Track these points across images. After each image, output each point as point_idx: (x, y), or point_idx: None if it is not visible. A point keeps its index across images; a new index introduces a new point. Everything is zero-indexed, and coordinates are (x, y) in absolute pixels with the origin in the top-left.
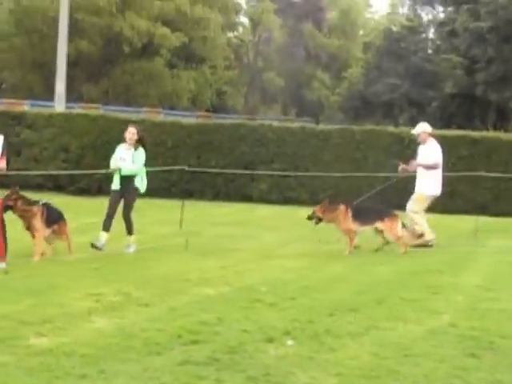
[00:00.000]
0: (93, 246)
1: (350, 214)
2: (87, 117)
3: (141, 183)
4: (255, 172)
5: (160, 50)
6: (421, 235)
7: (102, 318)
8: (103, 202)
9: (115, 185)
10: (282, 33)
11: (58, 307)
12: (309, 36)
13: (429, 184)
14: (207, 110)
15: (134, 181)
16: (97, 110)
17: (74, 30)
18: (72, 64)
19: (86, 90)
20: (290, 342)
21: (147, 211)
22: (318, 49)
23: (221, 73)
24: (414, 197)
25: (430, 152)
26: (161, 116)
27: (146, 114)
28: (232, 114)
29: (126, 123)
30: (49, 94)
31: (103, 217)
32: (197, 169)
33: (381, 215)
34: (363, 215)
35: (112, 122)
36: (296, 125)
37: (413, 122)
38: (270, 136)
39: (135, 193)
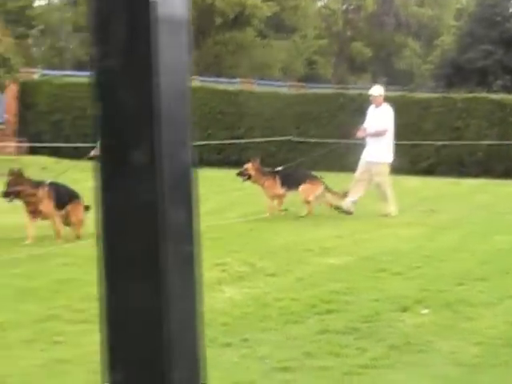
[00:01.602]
0: None
1: (278, 181)
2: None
3: None
4: (353, 141)
5: (251, 20)
6: (344, 196)
7: (231, 288)
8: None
9: None
10: (372, 2)
11: None
12: (400, 5)
13: (384, 151)
14: (298, 80)
15: None
16: (193, 81)
17: None
18: None
19: None
20: (424, 311)
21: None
22: (408, 17)
23: (311, 42)
24: (376, 168)
25: (383, 116)
26: (255, 87)
27: (241, 84)
28: (322, 83)
29: (224, 94)
30: None
31: None
32: (301, 139)
33: (304, 179)
34: (289, 181)
35: (211, 93)
36: (395, 93)
37: (507, 89)
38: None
39: None
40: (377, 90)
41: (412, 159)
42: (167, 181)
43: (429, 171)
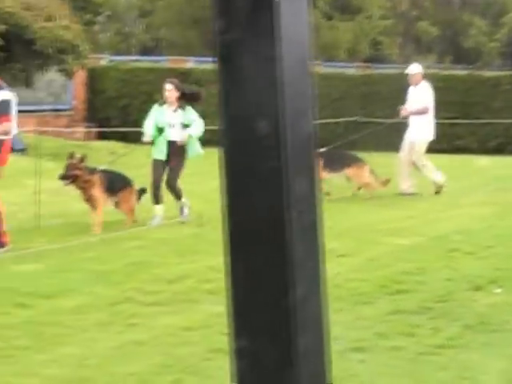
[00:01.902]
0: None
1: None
2: None
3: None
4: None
5: (316, 2)
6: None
7: None
8: None
9: (159, 153)
10: None
11: None
12: None
13: (425, 129)
14: (364, 61)
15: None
16: None
17: None
18: None
19: None
20: (498, 290)
21: None
22: None
23: (376, 23)
24: (416, 146)
25: (422, 95)
26: (321, 68)
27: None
28: (388, 64)
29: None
30: (208, 50)
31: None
32: (370, 119)
33: (349, 162)
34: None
35: None
36: (463, 72)
37: None
38: (438, 84)
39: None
40: (414, 69)
41: (481, 138)
42: (290, 149)
43: (498, 150)
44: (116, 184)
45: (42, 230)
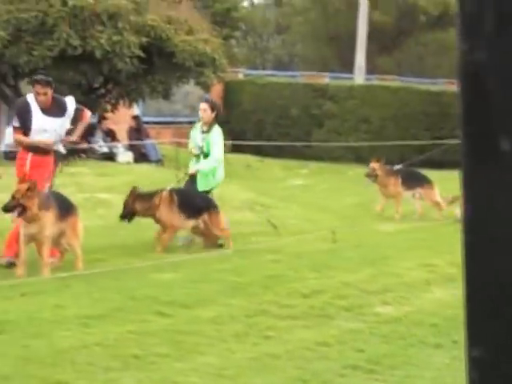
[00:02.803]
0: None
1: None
2: (388, 88)
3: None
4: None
5: (455, 21)
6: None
7: (439, 289)
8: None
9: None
10: None
11: (394, 277)
12: None
13: None
14: None
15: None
16: (394, 81)
17: (369, 2)
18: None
19: (380, 62)
20: None
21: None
22: None
23: None
24: None
25: None
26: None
27: (445, 85)
28: None
29: (426, 95)
30: (343, 67)
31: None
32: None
33: (421, 181)
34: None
35: (413, 93)
36: None
37: None
38: None
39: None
40: None
41: None
42: None
43: None
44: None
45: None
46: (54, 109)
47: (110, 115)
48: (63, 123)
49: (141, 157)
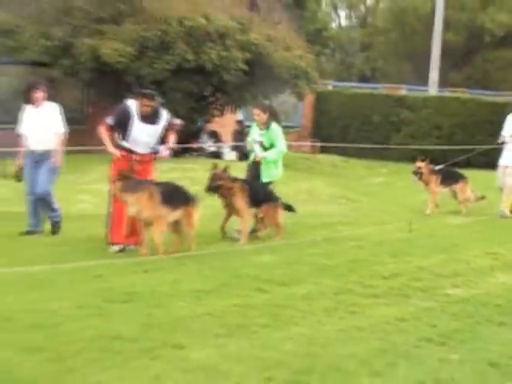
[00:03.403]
0: None
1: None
2: (458, 100)
3: (274, 170)
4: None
5: None
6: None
7: (503, 274)
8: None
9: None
10: None
11: (463, 263)
12: None
13: None
14: None
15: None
16: (463, 93)
17: (443, 24)
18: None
19: (451, 77)
20: None
21: None
22: None
23: None
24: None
25: None
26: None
27: (506, 97)
28: None
29: (492, 105)
30: (418, 80)
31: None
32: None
33: (457, 178)
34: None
35: (480, 104)
36: None
37: None
38: None
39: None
40: None
41: None
42: None
43: None
44: (260, 196)
45: None
46: (152, 117)
47: (217, 119)
48: (157, 130)
49: (243, 156)
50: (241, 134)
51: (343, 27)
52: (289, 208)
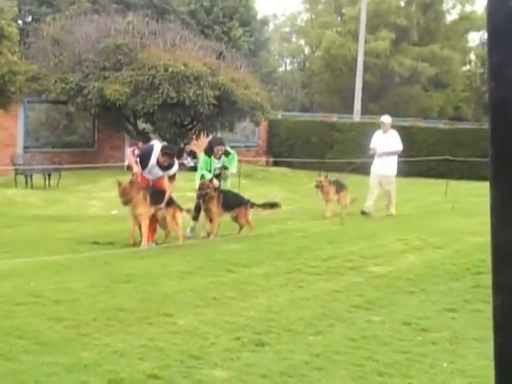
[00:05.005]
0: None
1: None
2: (375, 124)
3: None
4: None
5: (417, 78)
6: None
7: (411, 255)
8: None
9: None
10: None
11: (382, 247)
12: None
13: (395, 167)
14: (449, 119)
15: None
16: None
17: (363, 67)
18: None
19: (370, 107)
20: None
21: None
22: None
23: (458, 94)
24: (391, 179)
25: (395, 139)
26: (421, 123)
27: (410, 122)
28: (465, 121)
29: (401, 129)
30: (345, 110)
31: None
32: (456, 158)
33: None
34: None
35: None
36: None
37: None
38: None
39: None
40: (387, 119)
41: None
42: None
43: None
44: (232, 201)
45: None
46: (165, 167)
47: (194, 141)
48: (166, 173)
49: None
50: None
51: (288, 70)
52: (273, 205)
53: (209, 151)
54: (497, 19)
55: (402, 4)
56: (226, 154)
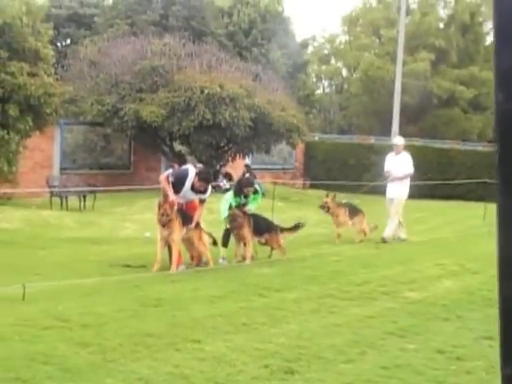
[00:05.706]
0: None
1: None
2: (414, 146)
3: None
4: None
5: (455, 101)
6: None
7: (448, 281)
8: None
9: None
10: None
11: (418, 272)
12: None
13: (407, 190)
14: (489, 142)
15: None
16: (417, 142)
17: (401, 89)
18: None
19: (408, 129)
20: None
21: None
22: None
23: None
24: (398, 202)
25: (406, 162)
26: (460, 146)
27: (449, 145)
28: None
29: (439, 150)
30: (383, 132)
31: None
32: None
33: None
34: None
35: (430, 149)
36: None
37: None
38: None
39: None
40: (400, 140)
41: None
42: None
43: None
44: (262, 226)
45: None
46: (200, 192)
47: (230, 163)
48: (199, 197)
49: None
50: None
51: (326, 92)
52: (298, 226)
53: (238, 192)
54: (507, 13)
55: (442, 25)
56: (254, 191)
